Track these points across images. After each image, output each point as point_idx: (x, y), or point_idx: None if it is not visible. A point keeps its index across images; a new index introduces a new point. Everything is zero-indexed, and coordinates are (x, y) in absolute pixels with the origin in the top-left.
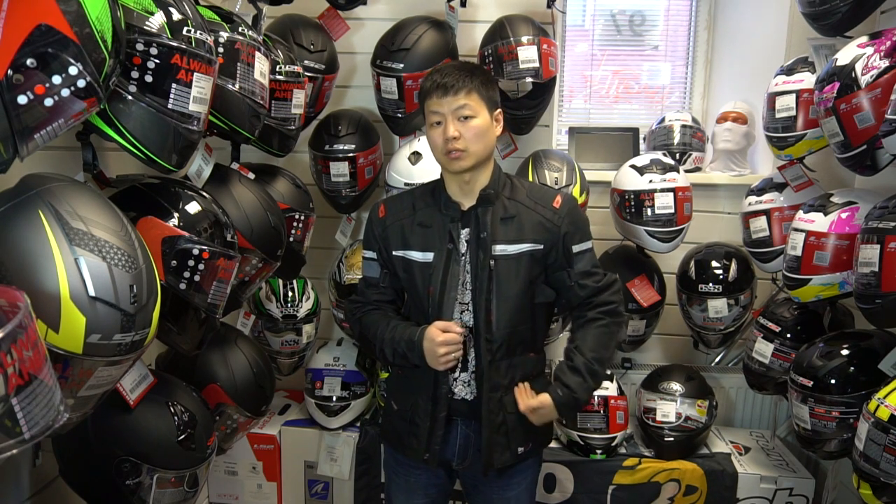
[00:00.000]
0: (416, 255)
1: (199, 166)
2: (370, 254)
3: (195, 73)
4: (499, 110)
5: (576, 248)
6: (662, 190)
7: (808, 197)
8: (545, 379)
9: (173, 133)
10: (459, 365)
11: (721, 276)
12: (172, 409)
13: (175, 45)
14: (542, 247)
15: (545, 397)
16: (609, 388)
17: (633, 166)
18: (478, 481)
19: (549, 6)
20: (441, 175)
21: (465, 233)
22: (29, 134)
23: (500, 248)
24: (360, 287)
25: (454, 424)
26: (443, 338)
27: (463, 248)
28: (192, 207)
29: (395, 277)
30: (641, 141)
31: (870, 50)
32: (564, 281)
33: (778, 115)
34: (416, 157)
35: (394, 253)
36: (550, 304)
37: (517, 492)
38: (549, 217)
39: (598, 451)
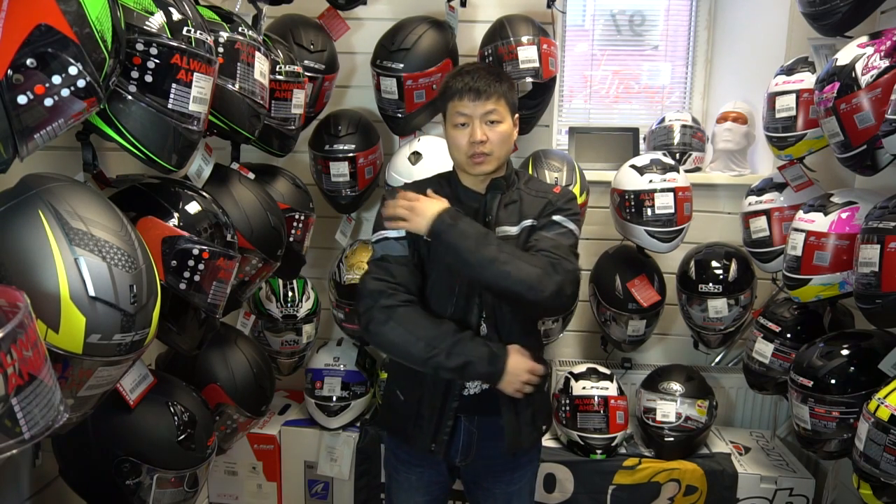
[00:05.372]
0: None
1: (199, 166)
2: (395, 232)
3: (195, 73)
4: (517, 115)
5: (556, 217)
6: (662, 190)
7: (808, 197)
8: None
9: (173, 133)
10: None
11: (721, 276)
12: (172, 409)
13: (175, 45)
14: (537, 222)
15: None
16: (609, 388)
17: (633, 166)
18: (480, 477)
19: (549, 6)
20: (454, 170)
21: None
22: (29, 134)
23: (501, 230)
24: (382, 269)
25: (458, 422)
26: (531, 366)
27: None
28: (192, 207)
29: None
30: (641, 141)
31: (870, 50)
32: (530, 239)
33: (778, 115)
34: (416, 157)
35: None
36: None
37: (520, 485)
38: (548, 199)
39: (598, 451)
